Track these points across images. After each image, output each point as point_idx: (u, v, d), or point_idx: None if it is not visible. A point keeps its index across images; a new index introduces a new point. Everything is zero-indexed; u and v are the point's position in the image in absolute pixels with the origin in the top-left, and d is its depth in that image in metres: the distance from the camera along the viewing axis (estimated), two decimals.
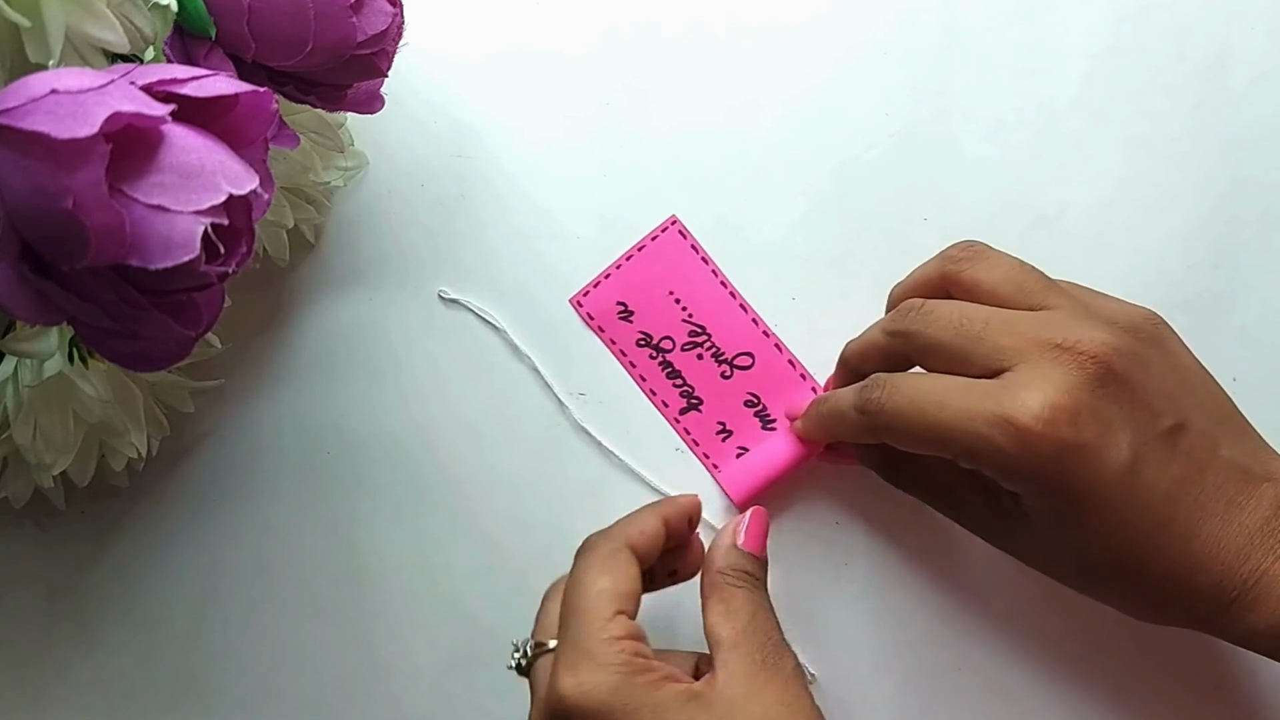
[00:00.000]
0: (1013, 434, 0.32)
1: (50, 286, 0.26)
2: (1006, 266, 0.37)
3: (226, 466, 0.44)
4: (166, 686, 0.43)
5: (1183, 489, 0.33)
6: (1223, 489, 0.33)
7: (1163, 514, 0.33)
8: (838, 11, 0.46)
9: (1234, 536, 0.33)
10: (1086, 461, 0.32)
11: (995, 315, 0.35)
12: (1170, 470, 0.33)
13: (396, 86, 0.41)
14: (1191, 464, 0.33)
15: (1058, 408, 0.32)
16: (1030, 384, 0.33)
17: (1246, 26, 0.45)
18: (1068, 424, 0.32)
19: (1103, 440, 0.32)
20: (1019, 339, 0.34)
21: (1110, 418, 0.33)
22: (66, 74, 0.24)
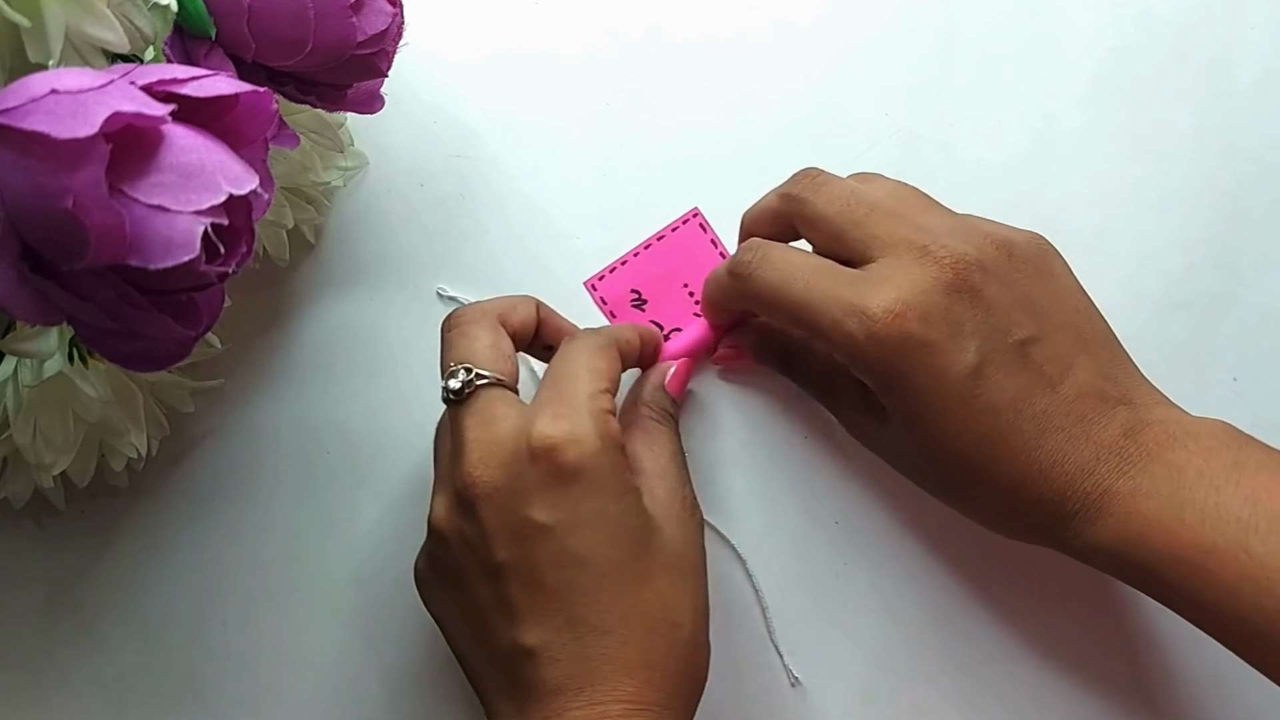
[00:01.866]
0: (863, 323, 0.34)
1: (50, 286, 0.26)
2: (894, 185, 0.38)
3: (226, 466, 0.44)
4: (166, 686, 0.43)
5: (1028, 400, 0.34)
6: (1074, 406, 0.34)
7: (1005, 421, 0.33)
8: (838, 11, 0.46)
9: (1079, 451, 0.33)
10: (930, 360, 0.33)
11: (880, 206, 0.36)
12: (1017, 380, 0.34)
13: (396, 86, 0.41)
14: (1040, 378, 0.34)
15: (908, 304, 0.34)
16: (888, 279, 0.34)
17: (1248, 26, 0.45)
18: (916, 320, 0.33)
19: (949, 342, 0.33)
20: (892, 234, 0.35)
21: (961, 322, 0.34)
22: (66, 74, 0.24)
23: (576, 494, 0.34)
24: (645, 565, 0.34)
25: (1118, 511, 0.33)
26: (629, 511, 0.34)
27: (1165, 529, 0.32)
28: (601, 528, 0.34)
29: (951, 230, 0.36)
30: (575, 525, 0.34)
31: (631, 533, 0.34)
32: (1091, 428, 0.34)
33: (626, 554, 0.34)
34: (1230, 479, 0.32)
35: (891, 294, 0.34)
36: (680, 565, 0.35)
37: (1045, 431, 0.34)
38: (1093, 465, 0.33)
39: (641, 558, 0.34)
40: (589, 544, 0.34)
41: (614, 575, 0.34)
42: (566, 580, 0.33)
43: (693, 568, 0.36)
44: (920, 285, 0.34)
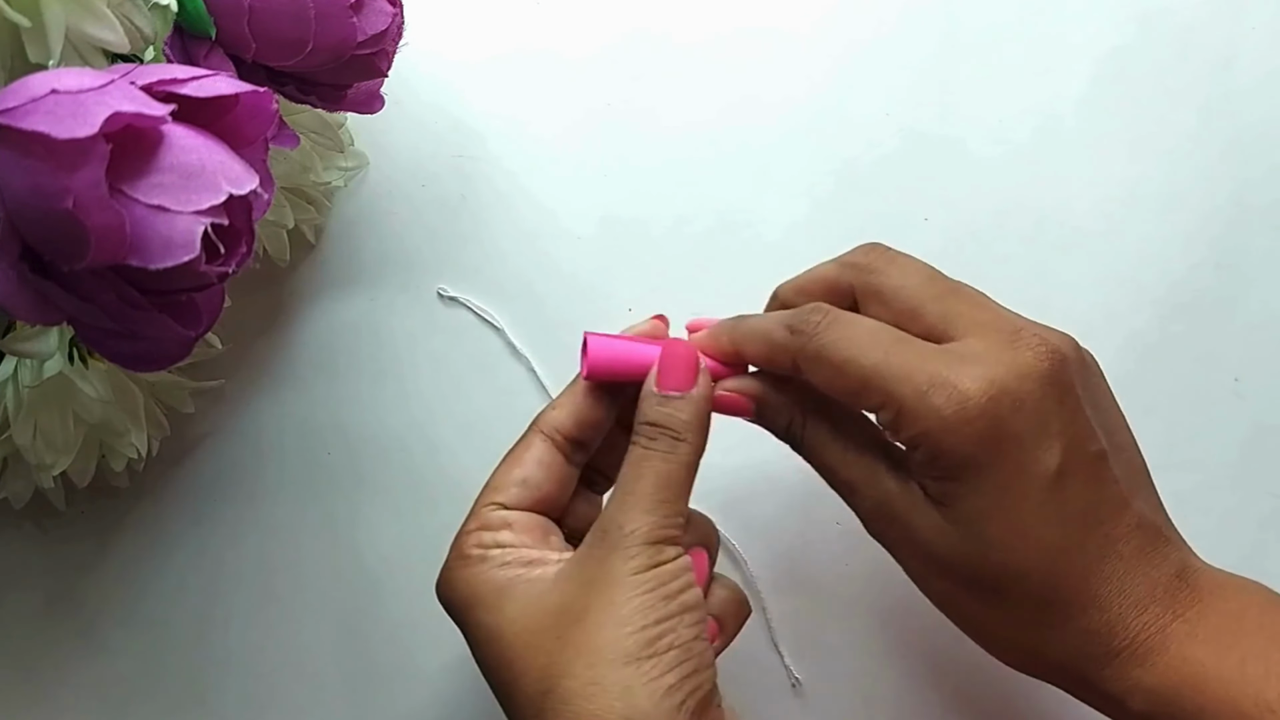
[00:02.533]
0: (953, 399, 0.30)
1: (50, 286, 0.26)
2: (921, 271, 0.35)
3: (227, 466, 0.44)
4: (167, 687, 0.43)
5: (1099, 517, 0.31)
6: (1134, 534, 0.32)
7: (1073, 535, 0.31)
8: (840, 11, 0.46)
9: (1137, 584, 0.31)
10: (1017, 452, 0.31)
11: (963, 287, 0.34)
12: (1093, 492, 0.32)
13: (396, 86, 0.41)
14: (1112, 498, 0.32)
15: (1005, 388, 0.30)
16: (983, 357, 0.31)
17: (1250, 27, 0.45)
18: (1009, 406, 0.30)
19: (1038, 438, 0.31)
20: (980, 314, 0.33)
21: (1050, 418, 0.31)
22: (66, 74, 0.24)
23: (465, 632, 0.33)
24: (518, 656, 0.31)
25: (1171, 652, 0.31)
26: (490, 612, 0.32)
27: (1223, 679, 0.30)
28: (481, 646, 0.32)
29: (1035, 322, 0.33)
30: (477, 655, 0.33)
31: (499, 633, 0.32)
32: (1150, 561, 0.32)
33: (499, 659, 0.32)
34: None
35: (987, 372, 0.31)
36: (561, 619, 0.31)
37: (1108, 556, 0.31)
38: (1148, 601, 0.31)
39: (513, 652, 0.31)
40: (487, 669, 0.32)
41: (501, 689, 0.32)
42: (500, 700, 0.32)
43: (579, 613, 0.31)
44: (1015, 369, 0.31)
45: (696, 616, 0.31)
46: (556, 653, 0.30)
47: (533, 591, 0.32)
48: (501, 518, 0.34)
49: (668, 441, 0.33)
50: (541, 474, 0.34)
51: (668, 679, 0.29)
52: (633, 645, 0.30)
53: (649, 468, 0.32)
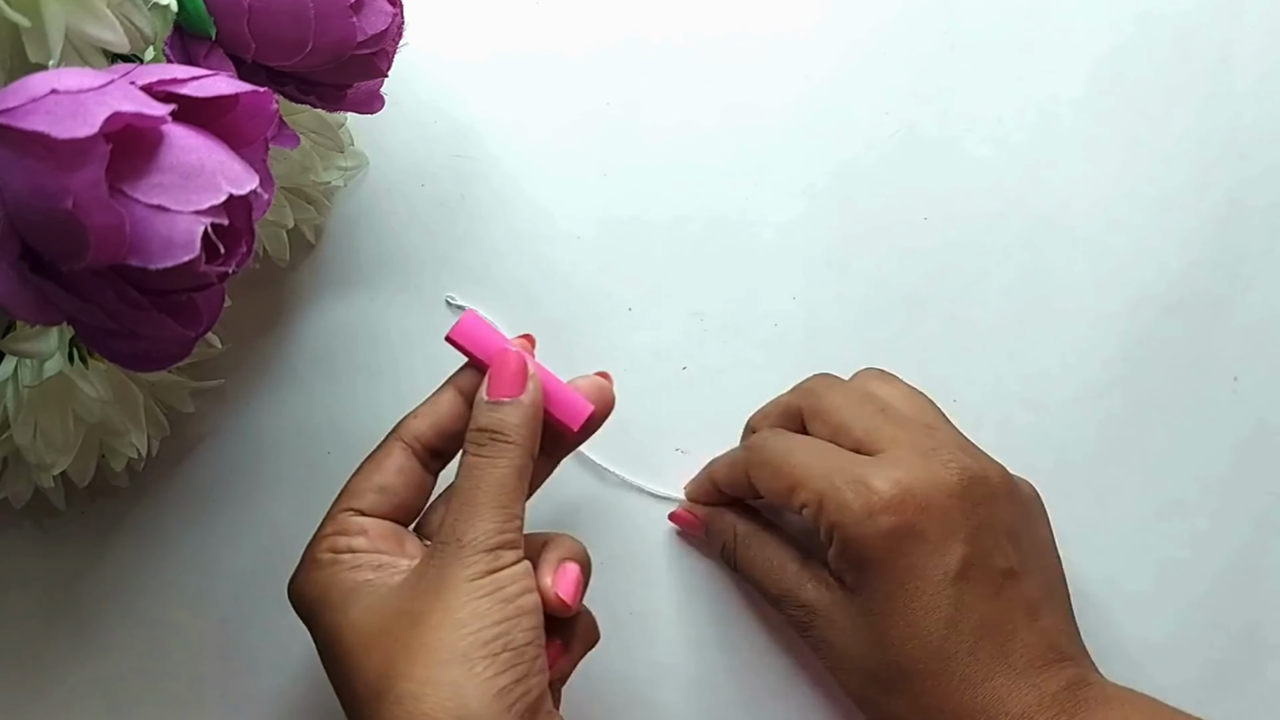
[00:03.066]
0: (862, 495, 0.34)
1: (50, 286, 0.26)
2: (908, 390, 0.39)
3: (226, 466, 0.44)
4: (166, 687, 0.43)
5: (990, 632, 0.34)
6: (1029, 650, 0.34)
7: (963, 643, 0.33)
8: (839, 11, 0.46)
9: (1023, 695, 0.33)
10: (916, 552, 0.34)
11: (892, 408, 0.37)
12: (988, 607, 0.34)
13: (396, 86, 0.40)
14: (1009, 614, 0.34)
15: (911, 491, 0.34)
16: (896, 464, 0.35)
17: (1248, 26, 0.45)
18: (915, 509, 0.34)
19: (940, 540, 0.34)
20: (901, 433, 0.36)
21: (955, 527, 0.34)
22: (66, 74, 0.24)
23: (312, 635, 0.34)
24: (353, 657, 0.32)
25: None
26: (332, 610, 0.33)
27: None
28: (328, 649, 0.33)
29: (960, 445, 0.37)
30: (322, 658, 0.34)
31: (336, 635, 0.33)
32: (1042, 674, 0.34)
33: (337, 658, 0.33)
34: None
35: (897, 476, 0.34)
36: (399, 622, 0.32)
37: (996, 672, 0.33)
38: (1033, 712, 0.33)
39: (348, 652, 0.32)
40: (329, 669, 0.33)
41: (338, 689, 0.33)
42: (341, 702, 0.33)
43: (416, 616, 0.31)
44: (926, 479, 0.34)
45: (533, 621, 0.32)
46: (394, 655, 0.31)
47: (376, 595, 0.33)
48: (358, 524, 0.35)
49: (498, 446, 0.34)
50: (399, 481, 0.36)
51: (500, 680, 0.30)
52: (467, 646, 0.30)
53: (482, 475, 0.33)
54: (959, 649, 0.33)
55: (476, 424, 0.34)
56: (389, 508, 0.36)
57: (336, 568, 0.34)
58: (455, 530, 0.32)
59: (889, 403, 0.38)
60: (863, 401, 0.38)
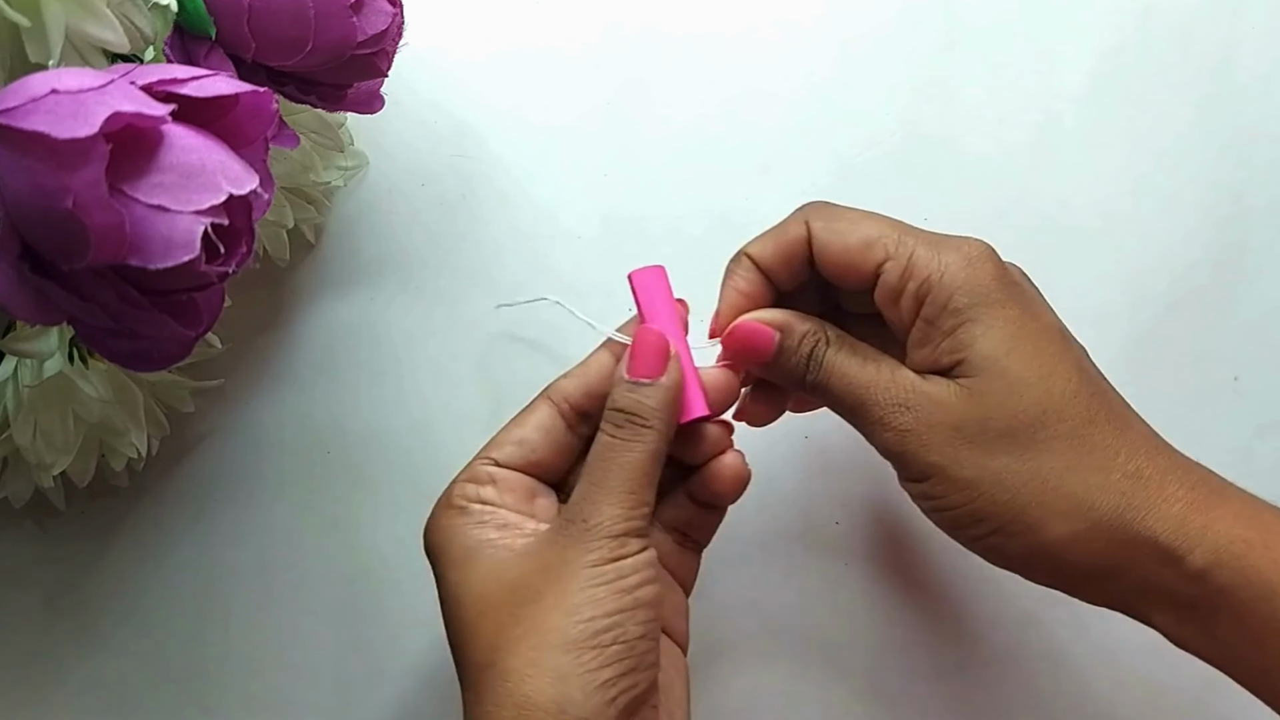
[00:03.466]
0: (960, 247, 0.33)
1: (50, 286, 0.26)
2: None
3: (226, 466, 0.44)
4: (167, 686, 0.43)
5: (1111, 392, 0.33)
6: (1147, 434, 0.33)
7: (1097, 386, 0.32)
8: (840, 9, 0.46)
9: (1162, 457, 0.31)
10: (1025, 299, 0.33)
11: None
12: (1098, 373, 0.33)
13: (396, 86, 0.41)
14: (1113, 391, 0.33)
15: (990, 254, 0.33)
16: (961, 244, 0.33)
17: (1249, 25, 0.45)
18: (1009, 267, 0.33)
19: (1038, 298, 0.33)
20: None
21: (1038, 294, 0.34)
22: (66, 74, 0.24)
23: (437, 579, 0.34)
24: (469, 620, 0.32)
25: (1235, 502, 0.30)
26: (455, 567, 0.33)
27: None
28: (450, 598, 0.33)
29: None
30: (442, 605, 0.33)
31: (460, 592, 0.32)
32: (1164, 443, 0.33)
33: (455, 617, 0.32)
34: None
35: (986, 247, 0.33)
36: (517, 595, 0.31)
37: (1133, 417, 0.32)
38: (1190, 464, 0.32)
39: (467, 615, 0.32)
40: (446, 618, 0.33)
41: (454, 642, 0.32)
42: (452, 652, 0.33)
43: (536, 592, 0.31)
44: (988, 252, 0.33)
45: (649, 614, 0.31)
46: (505, 628, 0.30)
47: (496, 560, 0.32)
48: (489, 473, 0.34)
49: (634, 429, 0.32)
50: (539, 437, 0.35)
51: (605, 672, 0.30)
52: (577, 634, 0.30)
53: (615, 458, 0.32)
54: (1095, 390, 0.32)
55: (614, 403, 0.33)
56: (524, 461, 0.35)
57: (464, 519, 0.33)
58: (582, 510, 0.32)
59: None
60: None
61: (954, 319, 0.32)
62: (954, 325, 0.32)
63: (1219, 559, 0.30)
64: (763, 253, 0.36)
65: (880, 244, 0.33)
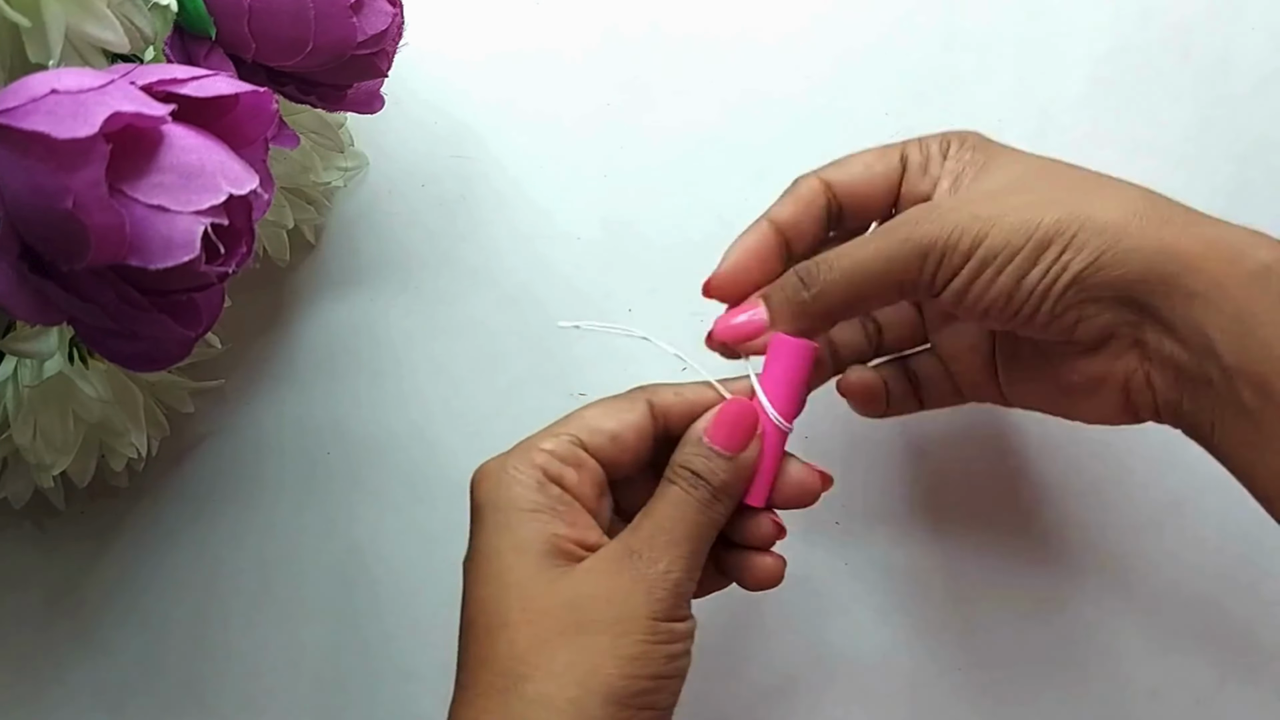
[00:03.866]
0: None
1: (50, 286, 0.26)
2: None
3: (226, 466, 0.44)
4: (166, 686, 0.43)
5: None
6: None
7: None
8: (838, 11, 0.46)
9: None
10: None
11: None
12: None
13: (396, 86, 0.41)
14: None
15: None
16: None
17: (1248, 27, 0.45)
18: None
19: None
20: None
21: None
22: (66, 74, 0.24)
23: (474, 527, 0.32)
24: (510, 614, 0.30)
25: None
26: (514, 548, 0.30)
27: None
28: (481, 564, 0.31)
29: None
30: (468, 560, 0.31)
31: (507, 576, 0.30)
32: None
33: (493, 598, 0.30)
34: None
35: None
36: (569, 615, 0.30)
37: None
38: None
39: (507, 606, 0.30)
40: (470, 581, 0.31)
41: (478, 621, 0.30)
42: (464, 618, 0.31)
43: (588, 621, 0.29)
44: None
45: (679, 685, 0.30)
46: (552, 647, 0.29)
47: (554, 565, 0.30)
48: (577, 456, 0.32)
49: (707, 495, 0.32)
50: (632, 438, 0.33)
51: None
52: (623, 689, 0.29)
53: (687, 515, 0.31)
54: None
55: (689, 464, 0.32)
56: (609, 457, 0.33)
57: (538, 496, 0.31)
58: (652, 550, 0.30)
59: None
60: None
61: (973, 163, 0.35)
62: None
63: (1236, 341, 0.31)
64: (782, 213, 0.36)
65: (892, 153, 0.36)
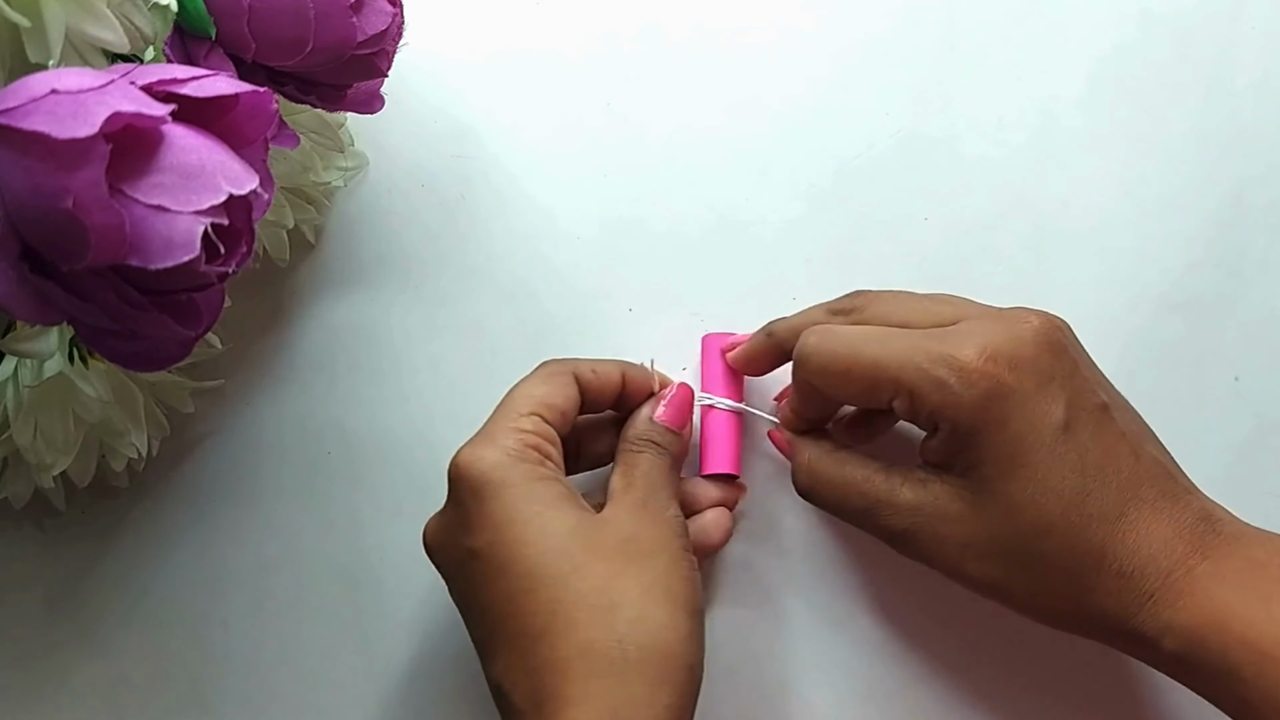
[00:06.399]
0: (954, 367, 0.33)
1: (50, 286, 0.26)
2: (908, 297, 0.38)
3: (227, 466, 0.44)
4: (167, 687, 0.43)
5: (1114, 464, 0.33)
6: (1153, 481, 0.33)
7: (1092, 483, 0.33)
8: (839, 11, 0.46)
9: (1161, 526, 0.32)
10: (1023, 408, 0.33)
11: (946, 296, 0.37)
12: (1104, 441, 0.33)
13: (396, 86, 0.40)
14: (1118, 448, 0.33)
15: (999, 352, 0.33)
16: (975, 332, 0.34)
17: (1248, 26, 0.45)
18: (1008, 368, 0.33)
19: (1040, 391, 0.33)
20: (969, 306, 0.36)
21: (1050, 374, 0.33)
22: (66, 74, 0.24)
23: (489, 508, 0.33)
24: (576, 557, 0.33)
25: (1198, 593, 0.31)
26: (549, 507, 0.34)
27: (1248, 620, 0.31)
28: (518, 531, 0.33)
29: (1021, 306, 0.36)
30: (494, 538, 0.33)
31: (555, 529, 0.33)
32: (1173, 505, 0.33)
33: (551, 550, 0.33)
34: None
35: (980, 341, 0.33)
36: (627, 549, 0.34)
37: (1129, 501, 0.33)
38: (1174, 543, 0.32)
39: (571, 551, 0.33)
40: (508, 551, 0.33)
41: (537, 575, 0.33)
42: (499, 594, 0.33)
43: (644, 552, 0.34)
44: (1007, 336, 0.34)
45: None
46: (630, 576, 0.33)
47: (587, 514, 0.35)
48: (547, 430, 0.36)
49: (669, 458, 0.38)
50: (572, 411, 0.38)
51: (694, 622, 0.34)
52: (692, 602, 0.34)
53: (664, 472, 0.37)
54: (1088, 490, 0.32)
55: (650, 437, 0.38)
56: (559, 429, 0.37)
57: (542, 466, 0.35)
58: (657, 500, 0.36)
59: (940, 294, 0.38)
60: (915, 295, 0.38)
61: (964, 441, 0.33)
62: (964, 445, 0.34)
63: (1189, 649, 0.32)
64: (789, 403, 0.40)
65: (884, 386, 0.34)
